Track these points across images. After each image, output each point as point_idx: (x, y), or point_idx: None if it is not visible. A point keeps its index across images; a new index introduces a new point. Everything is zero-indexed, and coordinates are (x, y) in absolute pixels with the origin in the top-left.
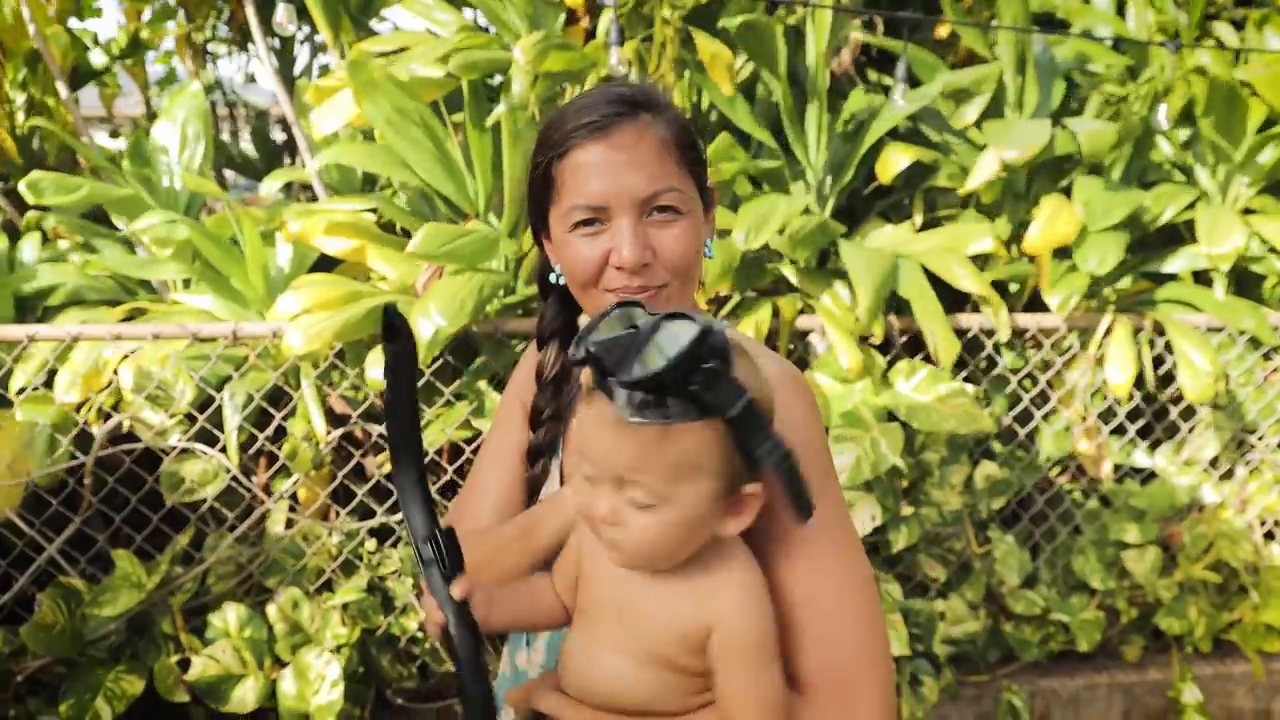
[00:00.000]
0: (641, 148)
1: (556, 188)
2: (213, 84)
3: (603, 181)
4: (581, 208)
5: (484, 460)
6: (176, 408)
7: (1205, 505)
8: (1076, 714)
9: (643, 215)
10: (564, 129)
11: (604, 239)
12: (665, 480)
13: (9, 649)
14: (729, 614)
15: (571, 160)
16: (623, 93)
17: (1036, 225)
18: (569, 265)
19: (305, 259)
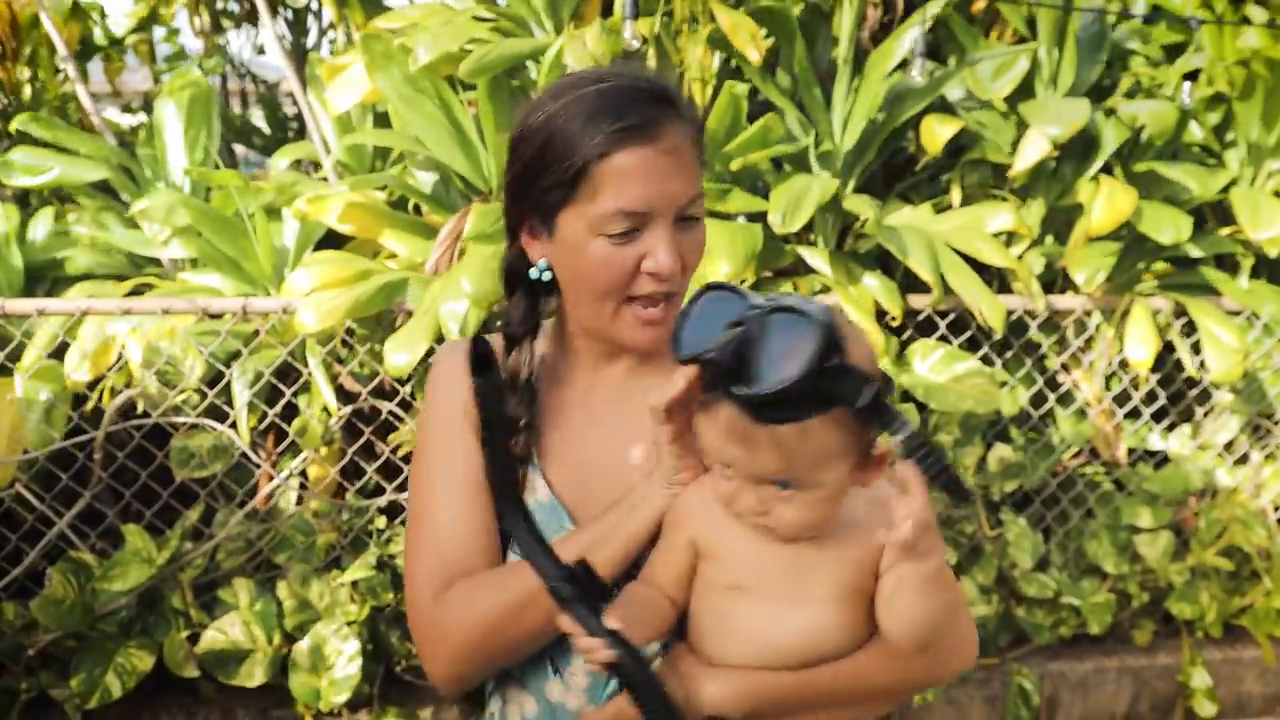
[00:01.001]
0: (683, 152)
1: (588, 189)
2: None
3: (649, 187)
4: (624, 214)
5: (445, 495)
6: (186, 383)
7: (1219, 489)
8: (1085, 697)
9: (676, 222)
10: (602, 127)
11: (635, 245)
12: (805, 471)
13: (20, 623)
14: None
15: (614, 163)
16: (652, 87)
17: (1099, 205)
18: (590, 271)
19: (311, 236)
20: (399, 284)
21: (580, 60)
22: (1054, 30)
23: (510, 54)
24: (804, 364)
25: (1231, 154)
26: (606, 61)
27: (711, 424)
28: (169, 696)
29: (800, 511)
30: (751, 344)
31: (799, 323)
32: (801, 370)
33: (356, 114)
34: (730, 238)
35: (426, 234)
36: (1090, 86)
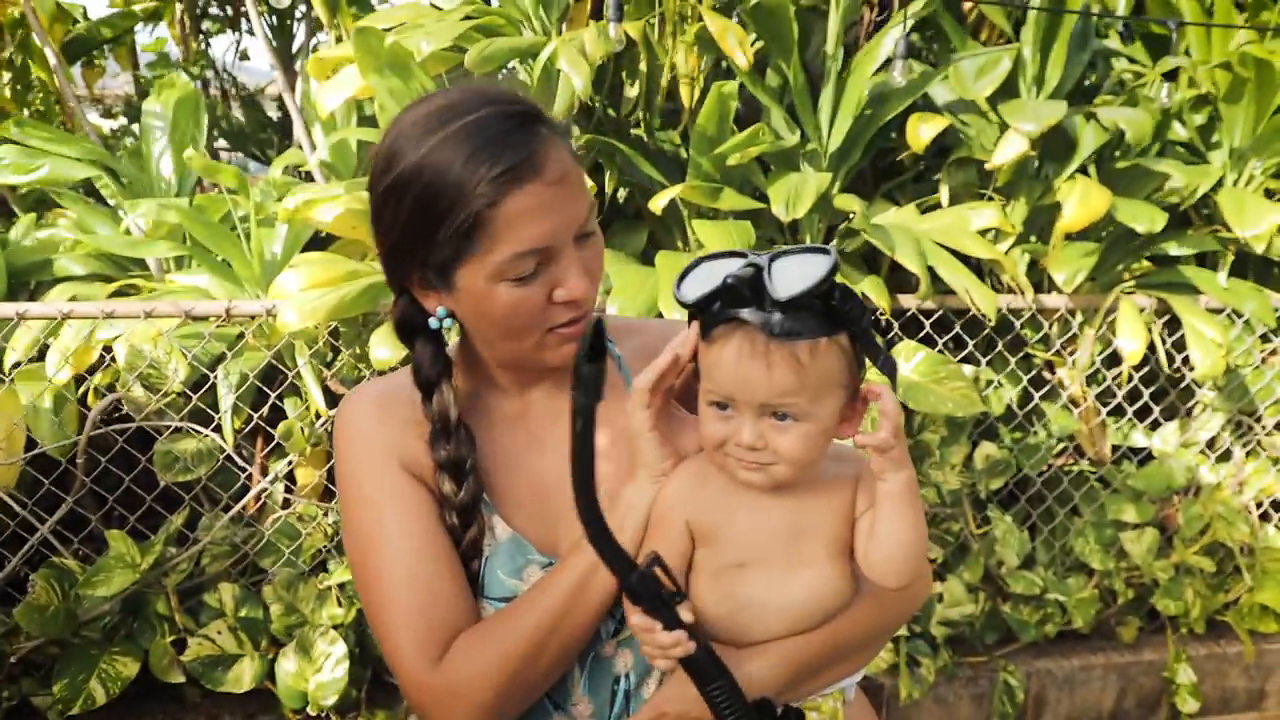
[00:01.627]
0: (568, 171)
1: (486, 239)
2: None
3: (547, 223)
4: (528, 254)
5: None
6: (170, 387)
7: (1203, 486)
8: (1072, 694)
9: (579, 243)
10: (482, 173)
11: (542, 280)
12: (810, 397)
13: (2, 630)
14: (859, 461)
15: (506, 209)
16: (518, 109)
17: (1072, 203)
18: (501, 316)
19: (300, 238)
20: (384, 285)
21: (576, 64)
22: (1039, 31)
23: (511, 47)
24: (822, 275)
25: (1215, 154)
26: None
27: (723, 352)
28: (154, 703)
29: (797, 442)
30: (766, 274)
31: (809, 253)
32: (821, 278)
33: (341, 114)
34: (725, 235)
35: None
36: (1074, 87)
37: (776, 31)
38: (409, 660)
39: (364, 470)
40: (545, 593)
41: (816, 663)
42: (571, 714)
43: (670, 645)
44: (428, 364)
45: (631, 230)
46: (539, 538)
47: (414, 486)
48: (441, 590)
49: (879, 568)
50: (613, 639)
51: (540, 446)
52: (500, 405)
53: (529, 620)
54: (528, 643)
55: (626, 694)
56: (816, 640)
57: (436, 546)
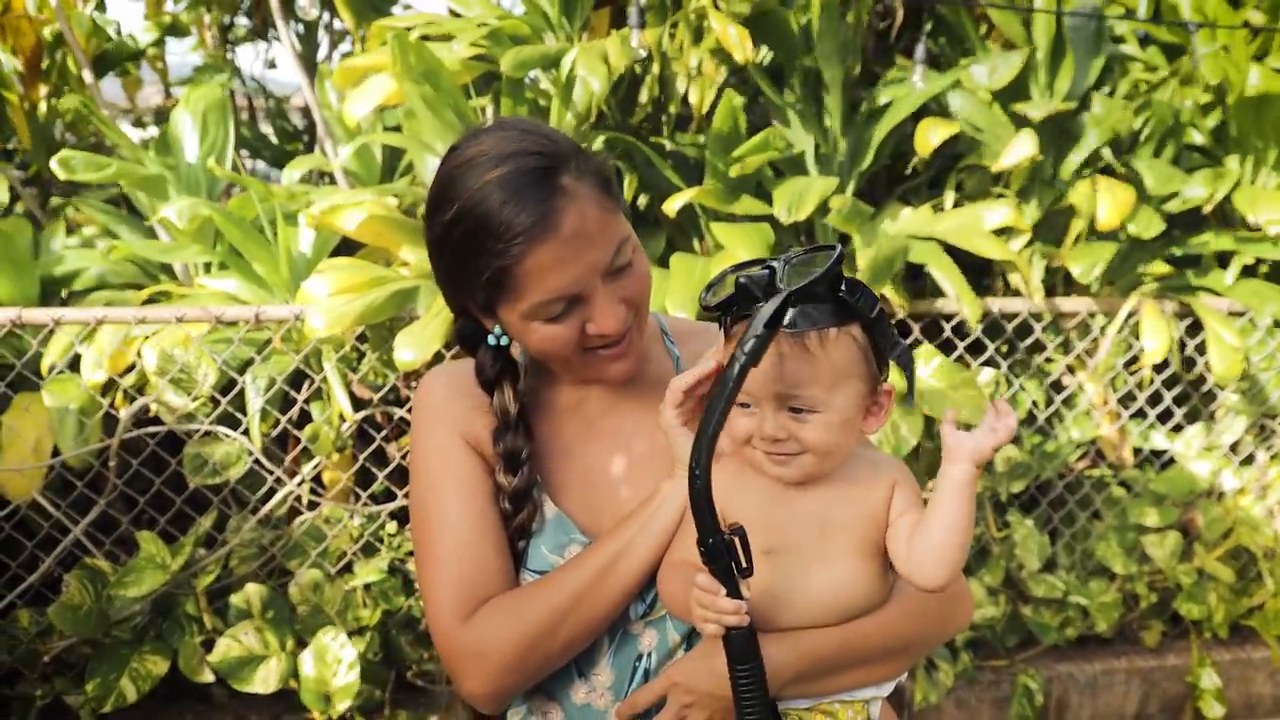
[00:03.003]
0: (589, 220)
1: (513, 290)
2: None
3: (567, 273)
4: (555, 302)
5: (458, 518)
6: (199, 391)
7: (1225, 491)
8: (1094, 699)
9: (609, 278)
10: (504, 233)
11: (575, 316)
12: (825, 386)
13: (35, 630)
14: (897, 468)
15: (526, 266)
16: (541, 161)
17: (1103, 201)
18: (541, 348)
19: (327, 243)
20: (410, 291)
21: (594, 71)
22: (1050, 34)
23: (541, 54)
24: (826, 266)
25: (1230, 158)
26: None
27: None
28: (182, 702)
29: (817, 432)
30: (777, 273)
31: (816, 253)
32: (825, 270)
33: (367, 123)
34: (745, 237)
35: None
36: (1087, 90)
37: (784, 40)
38: (443, 616)
39: (430, 441)
40: (572, 572)
41: (834, 660)
42: (592, 682)
43: (729, 611)
44: (489, 366)
45: (650, 235)
46: (585, 520)
47: (474, 461)
48: (484, 559)
49: (921, 567)
50: (642, 619)
51: (594, 436)
52: (559, 396)
53: (554, 596)
54: (549, 616)
55: (646, 671)
56: (836, 636)
57: (485, 519)
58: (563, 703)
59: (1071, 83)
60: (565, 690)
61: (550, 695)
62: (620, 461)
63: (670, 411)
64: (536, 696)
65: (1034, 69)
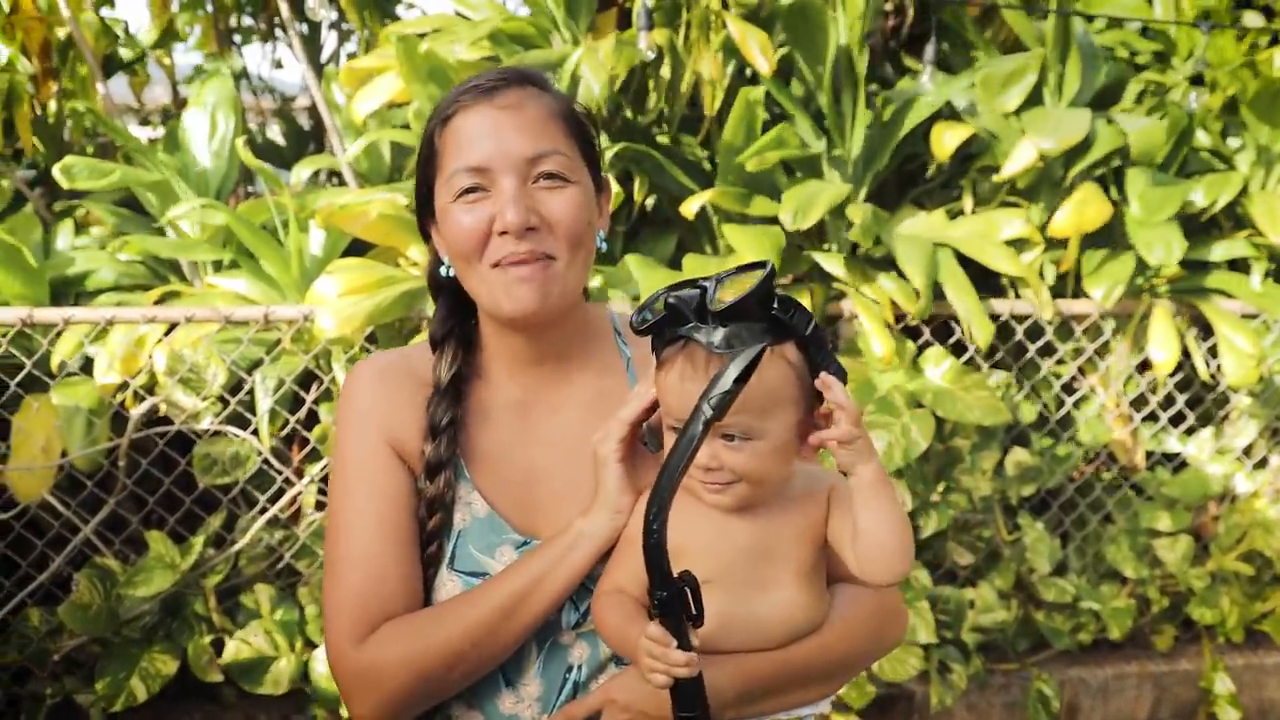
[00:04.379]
0: (527, 111)
1: (440, 158)
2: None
3: (485, 143)
4: (464, 170)
5: (365, 530)
6: (209, 390)
7: (1238, 494)
8: (1106, 703)
9: (527, 180)
10: (448, 99)
11: (486, 205)
12: (757, 412)
13: (46, 629)
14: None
15: (453, 125)
16: (511, 70)
17: (1065, 210)
18: (452, 238)
19: (337, 244)
20: (419, 291)
21: (596, 71)
22: (1059, 36)
23: (544, 57)
24: (756, 284)
25: (1241, 158)
26: (623, 72)
27: (670, 376)
28: (191, 701)
29: (750, 460)
30: (708, 293)
31: (747, 270)
32: (754, 287)
33: (374, 123)
34: (758, 239)
35: None
36: (1096, 92)
37: (806, 36)
38: (337, 633)
39: (350, 441)
40: (476, 604)
41: (772, 682)
42: (520, 692)
43: (681, 664)
44: (438, 322)
45: (660, 236)
46: (520, 521)
47: (394, 467)
48: (389, 575)
49: (870, 565)
50: (573, 629)
51: (533, 436)
52: (503, 388)
53: (455, 627)
54: (448, 648)
55: (576, 684)
56: (776, 659)
57: (396, 530)
58: (488, 713)
59: (1080, 85)
60: (491, 700)
61: (472, 704)
62: (561, 464)
63: (614, 445)
64: (456, 705)
65: (1044, 73)
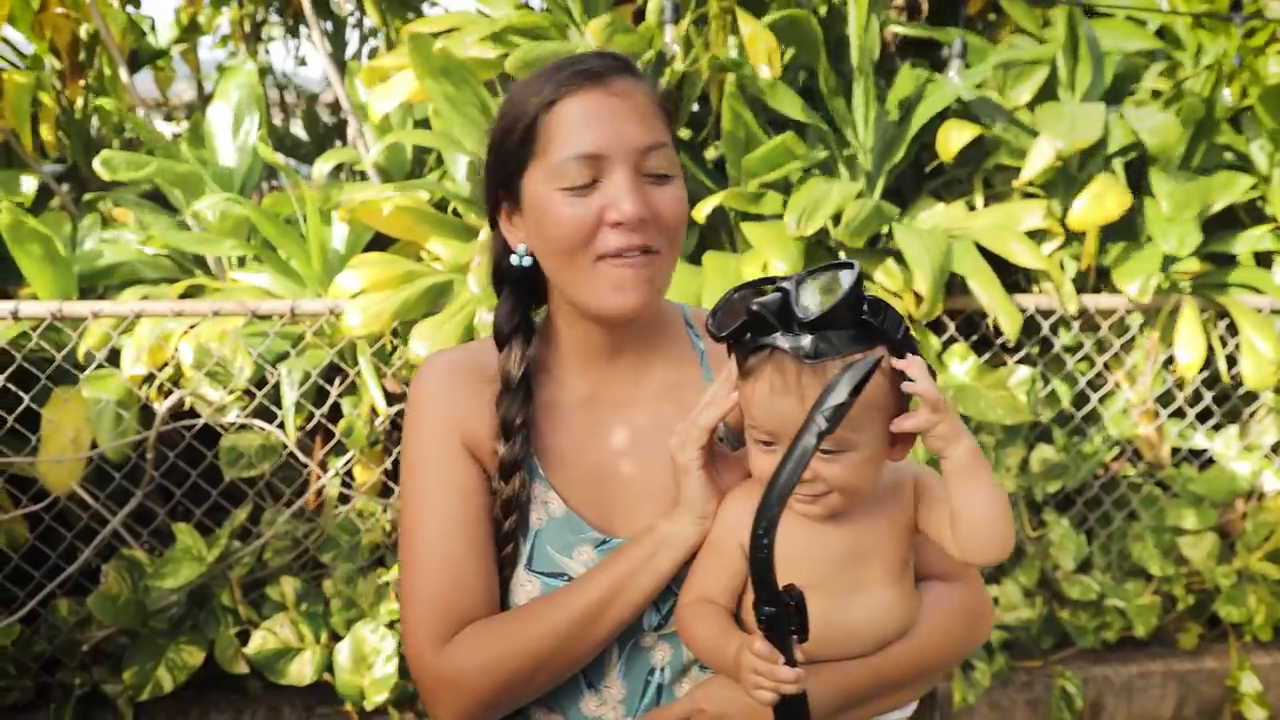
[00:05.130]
0: (636, 99)
1: (541, 142)
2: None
3: (601, 129)
4: (578, 159)
5: (441, 535)
6: (235, 384)
7: (1266, 492)
8: (1130, 702)
9: (639, 171)
10: (551, 80)
11: (595, 197)
12: (852, 423)
13: (75, 619)
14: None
15: (562, 109)
16: (610, 51)
17: (1083, 201)
18: (552, 230)
19: (360, 238)
20: (444, 286)
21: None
22: (1070, 30)
23: (552, 52)
24: (847, 289)
25: (1256, 148)
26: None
27: (758, 387)
28: (217, 692)
29: (846, 472)
30: (792, 297)
31: (832, 271)
32: (845, 293)
33: (396, 119)
34: (778, 236)
35: (468, 236)
36: (1111, 86)
37: (804, 41)
38: (418, 639)
39: (424, 437)
40: (558, 609)
41: (868, 689)
42: (603, 694)
43: (788, 680)
44: (505, 317)
45: None
46: (596, 519)
47: (468, 466)
48: (467, 577)
49: (970, 546)
50: (654, 631)
51: (606, 432)
52: (573, 384)
53: (536, 632)
54: (529, 654)
55: (660, 687)
56: (871, 666)
57: (473, 531)
58: (569, 715)
59: (1092, 78)
60: (573, 702)
61: (553, 708)
62: (636, 460)
63: (693, 452)
64: (535, 708)
65: (1056, 67)
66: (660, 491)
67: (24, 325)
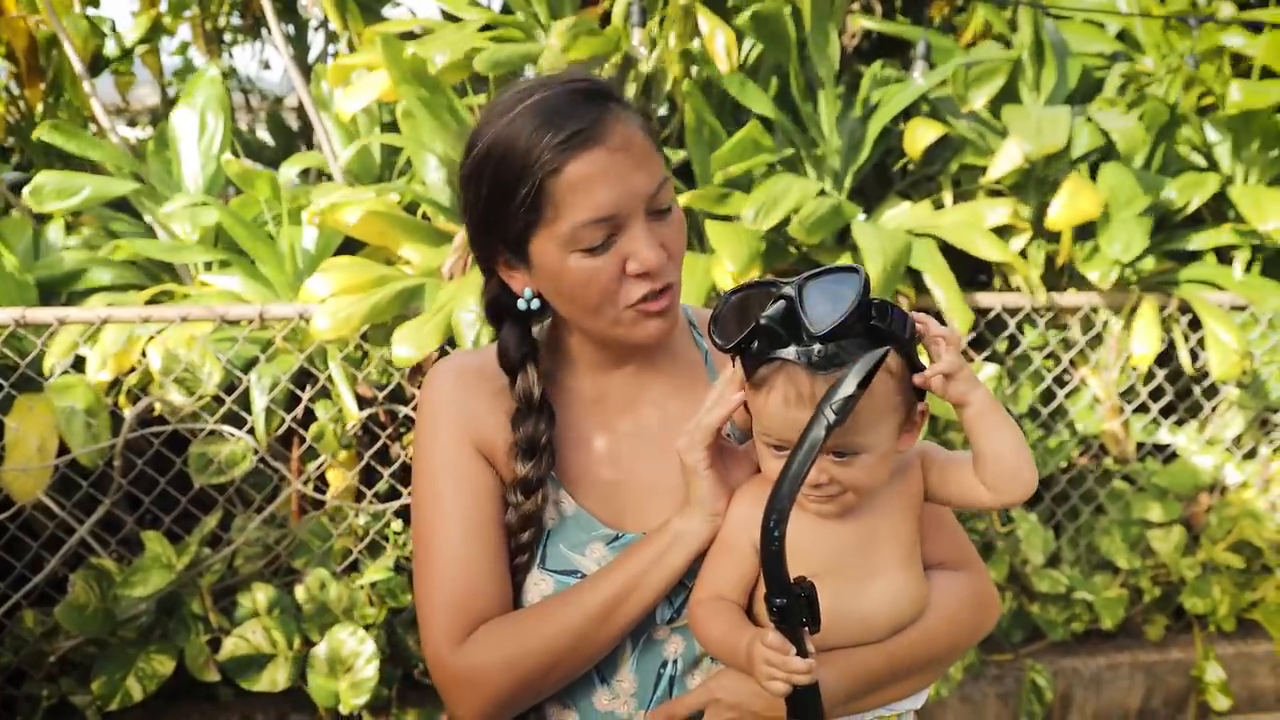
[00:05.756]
0: (635, 144)
1: (550, 210)
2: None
3: (611, 190)
4: (593, 223)
5: (455, 536)
6: (204, 390)
7: (1228, 485)
8: (1099, 693)
9: (648, 215)
10: (549, 142)
11: (614, 252)
12: (865, 427)
13: (41, 630)
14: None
15: (569, 176)
16: (588, 86)
17: (1058, 202)
18: (577, 290)
19: (330, 242)
20: (414, 290)
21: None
22: (1034, 32)
23: (521, 53)
24: (855, 297)
25: (1221, 150)
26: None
27: (768, 399)
28: (188, 702)
29: (861, 473)
30: (798, 305)
31: (838, 276)
32: (854, 301)
33: (364, 123)
34: (734, 237)
35: (438, 240)
36: (1074, 88)
37: (774, 37)
38: (435, 639)
39: (436, 442)
40: (573, 606)
41: (881, 676)
42: (615, 688)
43: (801, 671)
44: (514, 347)
45: None
46: (607, 516)
47: (480, 468)
48: (481, 577)
49: (1004, 484)
50: (667, 624)
51: (614, 430)
52: (579, 387)
53: (552, 629)
54: (546, 651)
55: (672, 679)
56: (884, 652)
57: (487, 531)
58: (583, 710)
59: (1057, 80)
60: (586, 697)
61: (566, 703)
62: (643, 459)
63: (700, 453)
64: (550, 704)
65: (1020, 69)
66: (669, 488)
67: None
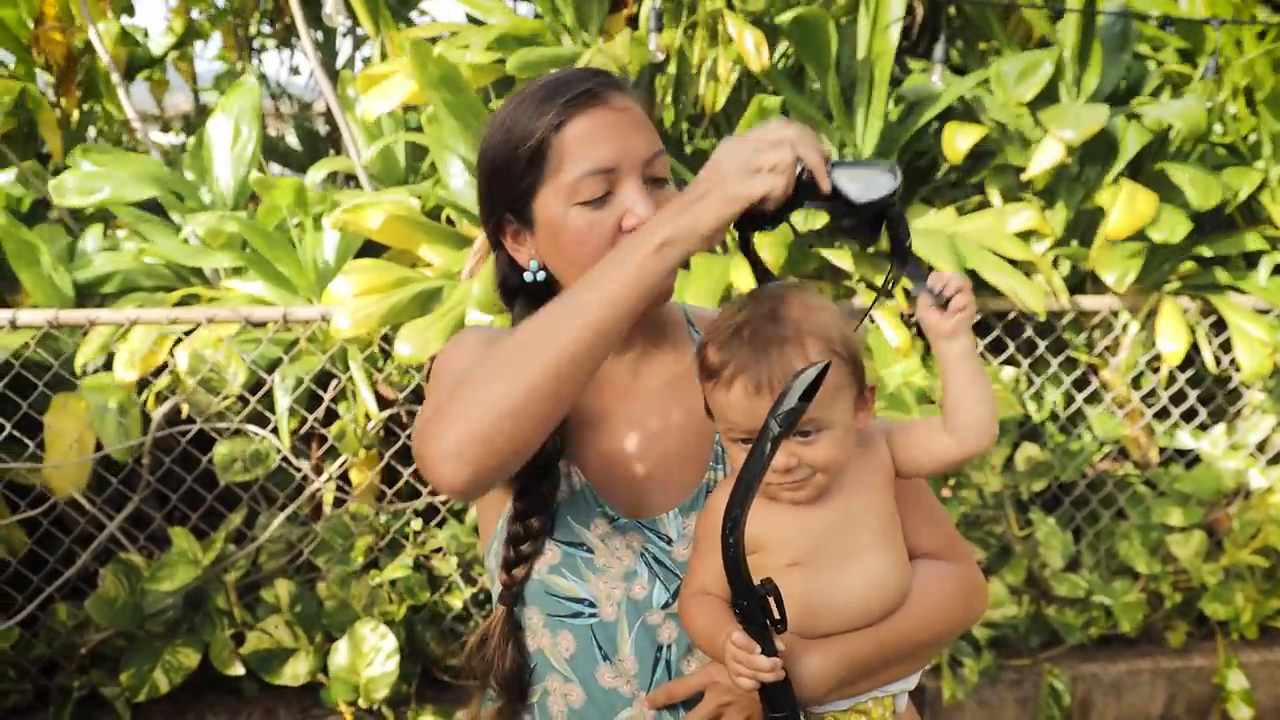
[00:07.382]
0: (635, 112)
1: (553, 163)
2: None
3: (610, 144)
4: (592, 174)
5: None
6: (229, 390)
7: (1252, 490)
8: (1119, 699)
9: (645, 179)
10: (554, 103)
11: (611, 208)
12: (823, 407)
13: (72, 623)
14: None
15: (572, 129)
16: (593, 70)
17: (1118, 208)
18: (574, 243)
19: (351, 246)
20: (434, 292)
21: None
22: (1078, 32)
23: (552, 56)
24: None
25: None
26: (635, 71)
27: (727, 397)
28: (213, 694)
29: (827, 449)
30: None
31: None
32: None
33: (388, 127)
34: (766, 236)
35: (460, 244)
36: (1114, 89)
37: (813, 42)
38: (422, 436)
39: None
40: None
41: (872, 661)
42: (618, 666)
43: (766, 669)
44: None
45: None
46: (610, 495)
47: None
48: None
49: (972, 431)
50: (661, 609)
51: (617, 414)
52: None
53: (512, 345)
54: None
55: (668, 663)
56: (874, 637)
57: None
58: (585, 685)
59: (1099, 82)
60: (589, 672)
61: (569, 677)
62: (641, 440)
63: None
64: (553, 677)
65: (1061, 69)
66: (663, 474)
67: (23, 335)
